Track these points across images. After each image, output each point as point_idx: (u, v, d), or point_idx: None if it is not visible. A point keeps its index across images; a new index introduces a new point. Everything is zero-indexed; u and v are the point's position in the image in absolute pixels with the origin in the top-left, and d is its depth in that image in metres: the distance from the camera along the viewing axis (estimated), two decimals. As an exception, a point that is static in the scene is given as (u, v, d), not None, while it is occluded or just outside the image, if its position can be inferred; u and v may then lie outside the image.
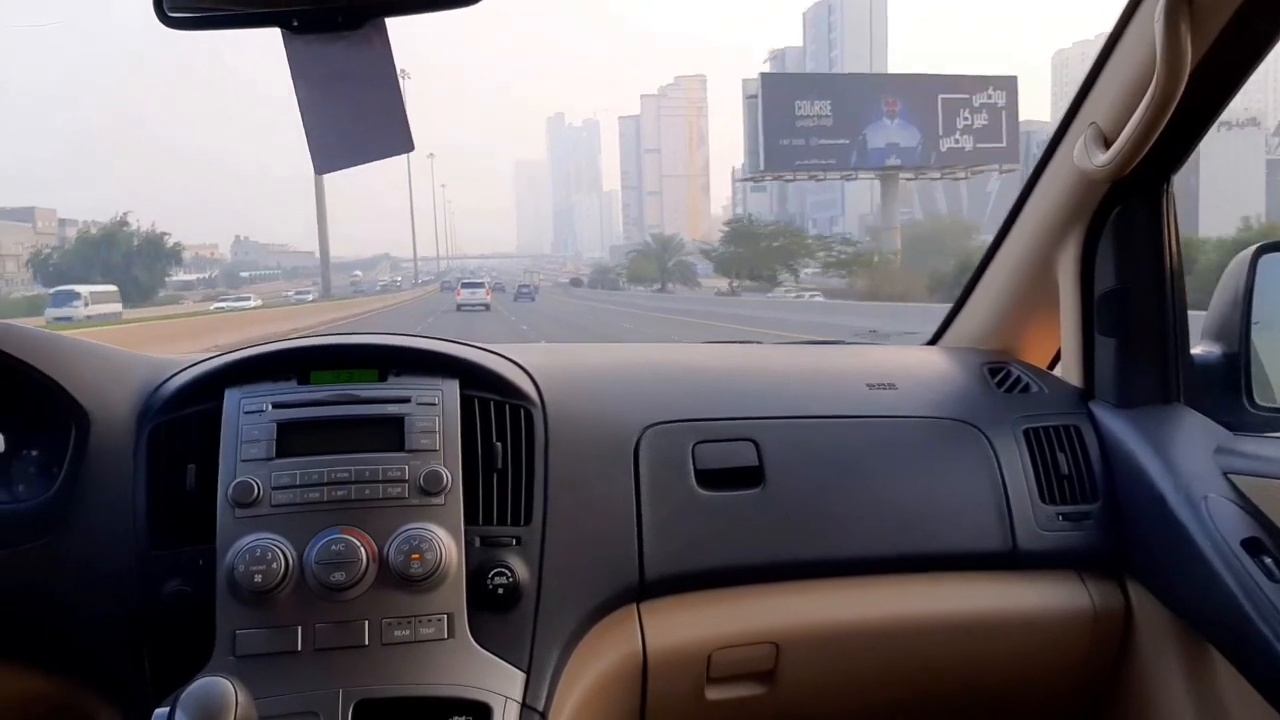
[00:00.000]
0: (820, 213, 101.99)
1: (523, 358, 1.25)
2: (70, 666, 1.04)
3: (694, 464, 1.22)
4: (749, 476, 1.23)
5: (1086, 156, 1.24)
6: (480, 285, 37.20)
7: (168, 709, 0.79)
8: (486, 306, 29.99)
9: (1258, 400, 1.32)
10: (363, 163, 0.73)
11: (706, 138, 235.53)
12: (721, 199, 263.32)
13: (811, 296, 39.93)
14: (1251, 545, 1.11)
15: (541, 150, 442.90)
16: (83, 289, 35.89)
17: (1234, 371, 1.34)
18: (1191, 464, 1.21)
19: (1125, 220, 1.33)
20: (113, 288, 38.61)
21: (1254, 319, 1.33)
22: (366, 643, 0.99)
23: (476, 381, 1.15)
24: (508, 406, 1.15)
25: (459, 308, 28.91)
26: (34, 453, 1.12)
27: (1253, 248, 1.35)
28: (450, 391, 1.12)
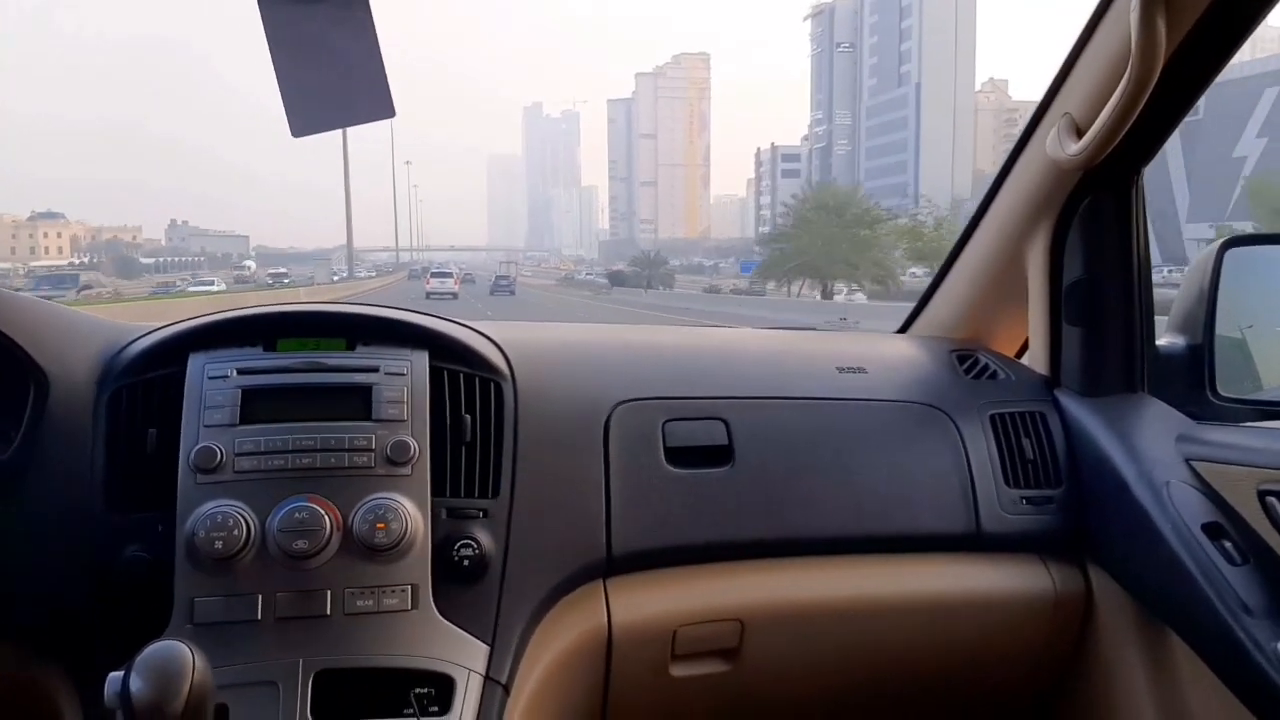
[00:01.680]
0: (888, 196, 79.69)
1: (494, 332, 1.24)
2: (20, 635, 1.01)
3: (664, 441, 1.22)
4: (718, 455, 1.24)
5: (1059, 146, 1.25)
6: (449, 275, 39.57)
7: (122, 673, 0.78)
8: (454, 295, 32.21)
9: (1220, 391, 1.34)
10: (340, 126, 0.73)
11: (709, 123, 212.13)
12: (728, 188, 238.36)
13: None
14: (1212, 530, 1.13)
15: (516, 141, 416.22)
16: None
17: (1198, 362, 1.36)
18: (1154, 450, 1.23)
19: (1095, 211, 1.35)
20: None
21: (1218, 311, 1.35)
22: (329, 612, 0.98)
23: (446, 353, 1.14)
24: (477, 379, 1.14)
25: (428, 295, 30.17)
26: None
27: (1219, 241, 1.37)
28: (419, 362, 1.11)
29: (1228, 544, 1.12)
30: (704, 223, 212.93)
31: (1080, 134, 1.23)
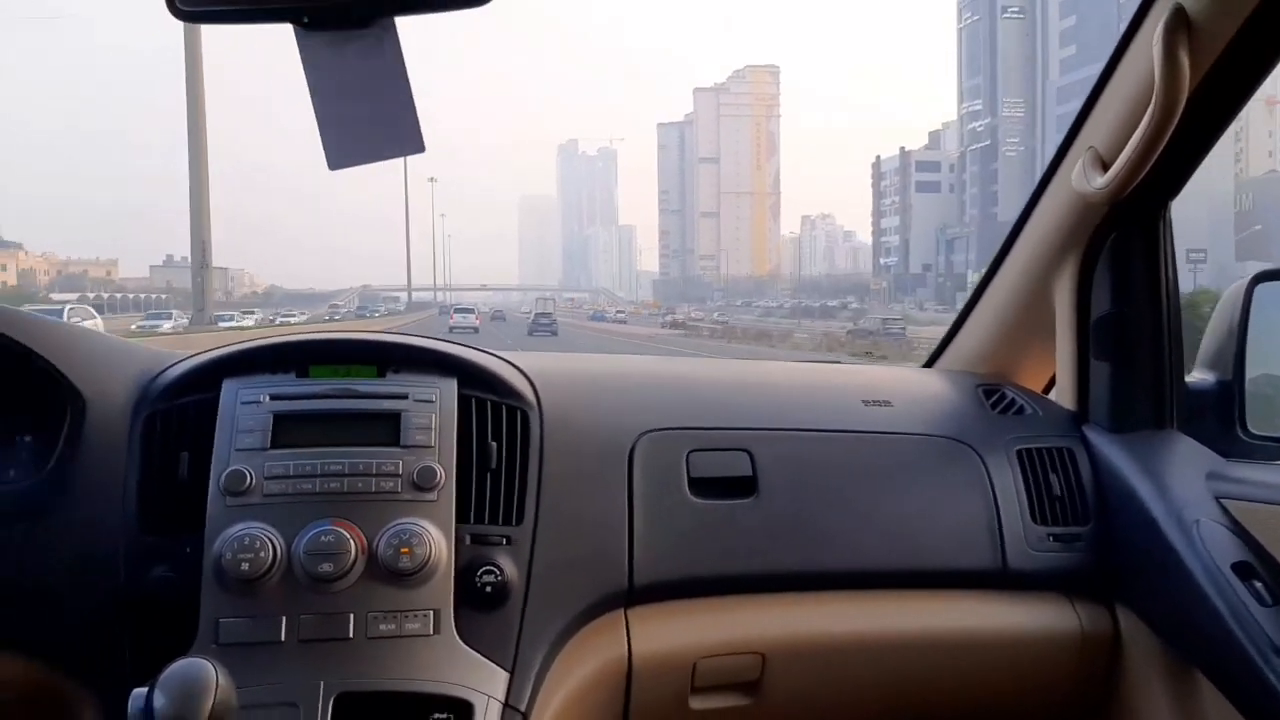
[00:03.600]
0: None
1: (522, 361, 1.26)
2: (49, 650, 1.03)
3: (688, 472, 1.22)
4: (742, 486, 1.23)
5: (1085, 179, 1.26)
6: (471, 311, 42.88)
7: (146, 689, 0.79)
8: (476, 329, 34.30)
9: (1251, 428, 1.33)
10: (374, 161, 0.74)
11: (778, 145, 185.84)
12: (793, 224, 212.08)
13: None
14: (1242, 569, 1.12)
15: (550, 179, 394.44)
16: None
17: (1228, 399, 1.34)
18: (1184, 488, 1.22)
19: (1122, 245, 1.35)
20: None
21: (1248, 347, 1.33)
22: (351, 635, 0.99)
23: (474, 381, 1.16)
24: (504, 407, 1.15)
25: (451, 330, 31.63)
26: (28, 438, 1.12)
27: (1249, 276, 1.36)
28: (448, 390, 1.13)
29: (1258, 584, 1.11)
30: (773, 259, 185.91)
31: (1105, 168, 1.23)
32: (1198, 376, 1.40)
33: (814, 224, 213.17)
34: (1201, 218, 53.01)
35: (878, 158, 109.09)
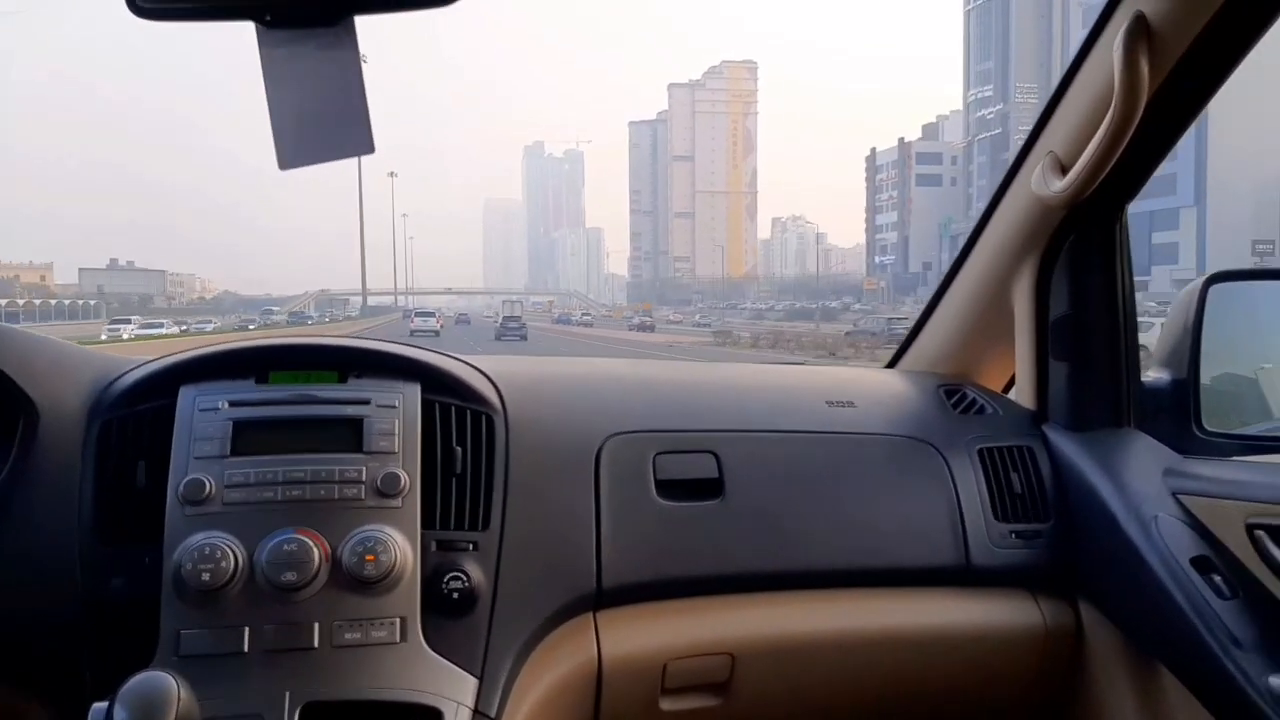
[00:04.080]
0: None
1: (486, 365, 1.25)
2: (4, 666, 1.01)
3: (654, 474, 1.23)
4: (709, 488, 1.24)
5: (1044, 183, 1.28)
6: (432, 315, 45.62)
7: (106, 704, 0.78)
8: (436, 333, 35.15)
9: (1206, 426, 1.35)
10: (325, 160, 0.73)
11: (755, 143, 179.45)
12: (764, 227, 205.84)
13: None
14: (1201, 563, 1.14)
15: (515, 181, 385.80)
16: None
17: (1184, 397, 1.37)
18: (1142, 485, 1.24)
19: (1079, 248, 1.37)
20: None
21: (1203, 346, 1.36)
22: (316, 645, 0.97)
23: (438, 386, 1.15)
24: (469, 411, 1.15)
25: (412, 333, 32.14)
26: None
27: (1203, 277, 1.40)
28: (411, 395, 1.12)
29: (1216, 578, 1.13)
30: (750, 260, 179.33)
31: (1065, 171, 1.25)
32: (1154, 375, 1.42)
33: (785, 226, 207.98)
34: (1272, 208, 46.71)
35: (873, 150, 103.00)
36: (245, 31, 0.69)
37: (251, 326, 44.84)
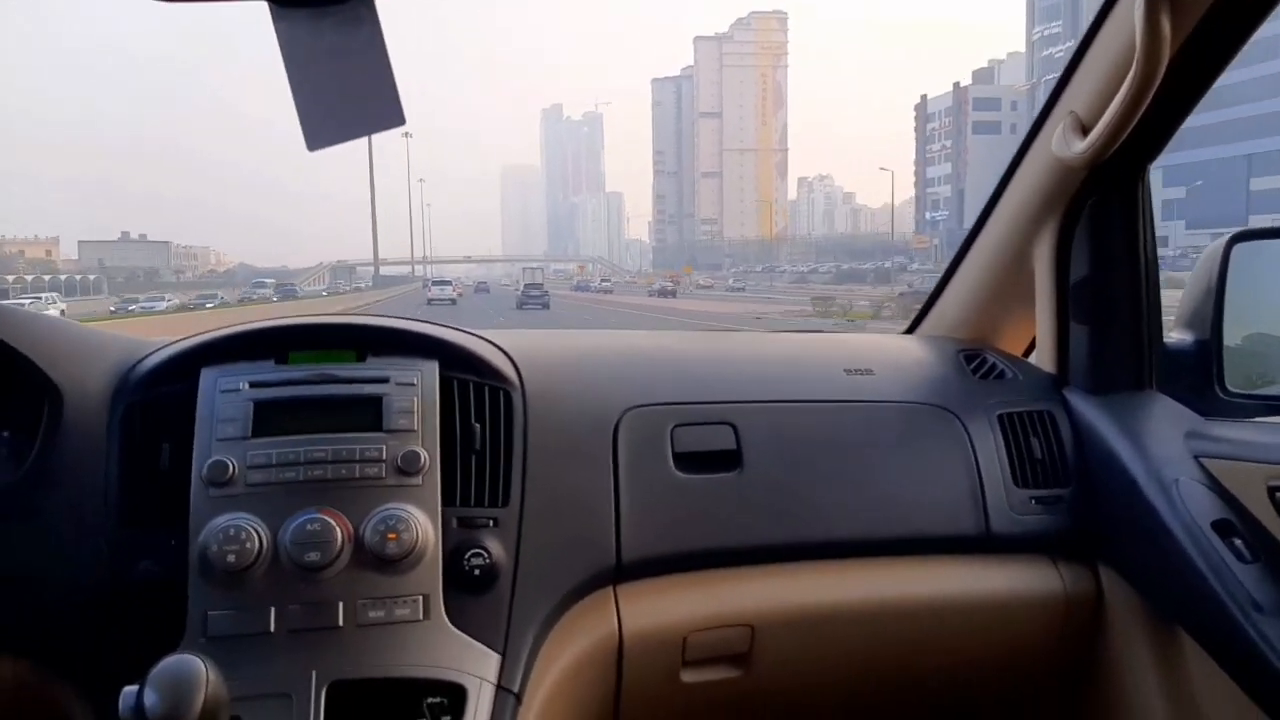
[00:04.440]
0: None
1: (503, 340, 1.26)
2: (36, 649, 1.02)
3: (672, 447, 1.23)
4: (727, 460, 1.24)
5: (1065, 144, 1.27)
6: (448, 283, 46.12)
7: (136, 687, 0.78)
8: (454, 301, 36.43)
9: (1229, 387, 1.34)
10: (354, 138, 0.74)
11: (786, 98, 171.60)
12: (801, 176, 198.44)
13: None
14: (1222, 527, 1.14)
15: (534, 146, 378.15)
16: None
17: (1206, 358, 1.36)
18: (1163, 448, 1.23)
19: (1101, 209, 1.36)
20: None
21: (1226, 306, 1.35)
22: (341, 624, 0.98)
23: (456, 363, 1.15)
24: (487, 388, 1.15)
25: (429, 302, 33.89)
26: (5, 433, 1.11)
27: (1226, 236, 1.38)
28: (429, 372, 1.12)
29: (1238, 541, 1.12)
30: (780, 221, 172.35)
31: (1086, 132, 1.24)
32: (1176, 337, 1.41)
33: (811, 186, 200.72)
34: None
35: (923, 98, 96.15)
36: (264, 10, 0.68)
37: (209, 306, 38.32)
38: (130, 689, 0.78)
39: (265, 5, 0.68)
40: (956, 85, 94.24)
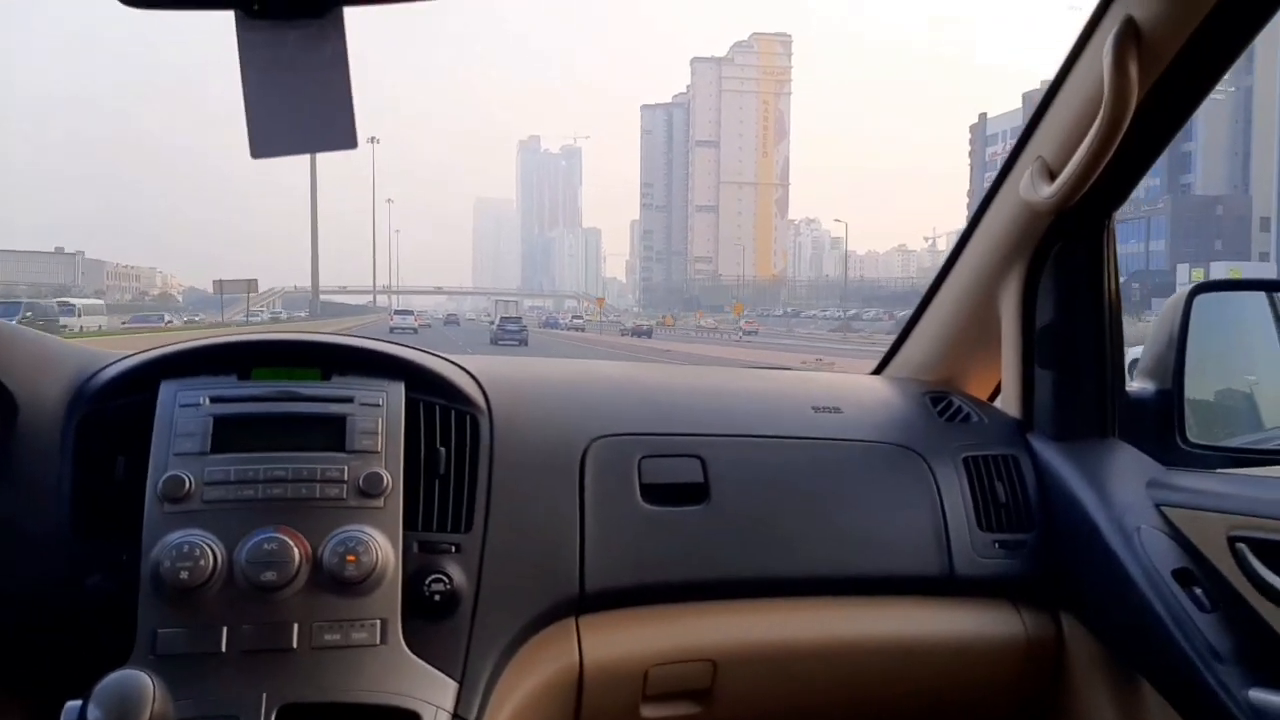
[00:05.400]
0: None
1: (471, 365, 1.25)
2: None
3: (639, 478, 1.22)
4: (694, 493, 1.24)
5: (1032, 189, 1.28)
6: (410, 313, 48.91)
7: (80, 702, 0.77)
8: (415, 330, 36.63)
9: (1190, 437, 1.35)
10: (302, 152, 0.73)
11: (788, 128, 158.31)
12: (804, 211, 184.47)
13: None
14: (1182, 576, 1.14)
15: (509, 177, 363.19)
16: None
17: (1167, 408, 1.37)
18: (1125, 496, 1.24)
19: (1067, 256, 1.37)
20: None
21: (1188, 357, 1.36)
22: (295, 646, 0.96)
23: (422, 385, 1.14)
24: (453, 411, 1.14)
25: (391, 330, 33.46)
26: None
27: (1188, 287, 1.40)
28: (395, 393, 1.11)
29: (1198, 590, 1.13)
30: (779, 261, 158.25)
31: (1053, 177, 1.25)
32: (1138, 386, 1.42)
33: (798, 229, 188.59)
34: None
35: (982, 117, 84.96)
36: (225, 20, 0.67)
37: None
38: (74, 703, 0.78)
39: (231, 15, 0.66)
40: (1026, 98, 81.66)
